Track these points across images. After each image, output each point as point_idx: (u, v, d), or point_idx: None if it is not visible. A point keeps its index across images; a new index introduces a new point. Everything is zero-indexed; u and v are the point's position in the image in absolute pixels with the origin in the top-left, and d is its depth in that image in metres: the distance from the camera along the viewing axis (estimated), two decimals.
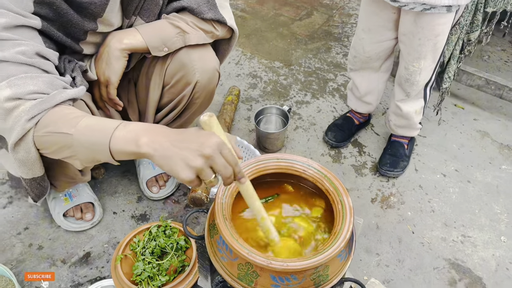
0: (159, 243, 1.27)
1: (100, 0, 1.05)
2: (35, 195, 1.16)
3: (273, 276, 0.87)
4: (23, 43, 0.93)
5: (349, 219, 0.92)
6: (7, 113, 0.91)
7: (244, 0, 2.51)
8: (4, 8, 0.92)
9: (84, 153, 0.87)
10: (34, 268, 1.33)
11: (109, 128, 0.84)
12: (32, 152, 0.93)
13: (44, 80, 0.92)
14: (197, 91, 1.27)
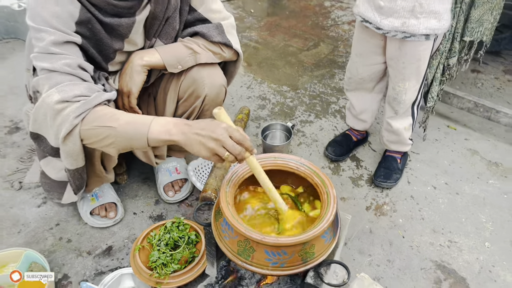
0: (172, 236, 1.45)
1: (127, 23, 1.29)
2: (76, 187, 1.37)
3: (267, 250, 1.03)
4: (68, 57, 1.17)
5: (332, 206, 1.09)
6: (56, 113, 1.13)
7: (257, 33, 2.76)
8: (52, 27, 1.16)
9: (122, 142, 1.11)
10: (63, 258, 1.51)
11: (146, 122, 1.09)
12: (78, 144, 1.15)
13: (85, 86, 1.14)
14: (206, 104, 1.47)
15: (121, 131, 1.11)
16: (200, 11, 1.43)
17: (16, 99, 2.14)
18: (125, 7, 1.27)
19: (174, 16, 1.40)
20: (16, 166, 1.82)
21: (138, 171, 1.82)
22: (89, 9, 1.22)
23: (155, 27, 1.39)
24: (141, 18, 1.33)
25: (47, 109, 1.15)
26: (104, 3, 1.23)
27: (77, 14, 1.19)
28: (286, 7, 3.05)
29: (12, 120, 2.03)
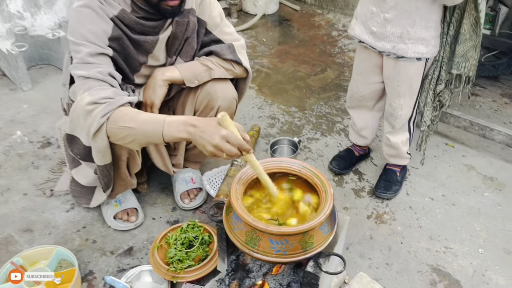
0: (188, 236, 1.60)
1: (152, 40, 1.51)
2: (104, 184, 1.56)
3: (271, 239, 1.18)
4: (100, 66, 1.38)
5: (329, 202, 1.23)
6: (87, 114, 1.33)
7: (268, 59, 2.97)
8: (89, 41, 1.38)
9: (142, 138, 1.31)
10: (89, 256, 1.67)
11: (160, 121, 1.27)
12: (105, 141, 1.34)
13: (112, 91, 1.35)
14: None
15: (140, 130, 1.30)
16: (215, 33, 1.64)
17: (47, 118, 2.35)
18: (151, 26, 1.49)
19: (193, 37, 1.61)
20: (48, 176, 2.00)
21: (157, 181, 1.99)
22: (121, 27, 1.44)
23: (176, 46, 1.60)
24: (163, 36, 1.55)
25: (80, 110, 1.35)
26: (134, 22, 1.45)
27: (110, 31, 1.41)
28: (296, 37, 3.26)
29: (44, 136, 2.24)
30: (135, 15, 1.46)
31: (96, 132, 1.32)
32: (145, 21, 1.48)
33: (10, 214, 1.82)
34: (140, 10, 1.46)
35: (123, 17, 1.44)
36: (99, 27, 1.40)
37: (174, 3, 1.43)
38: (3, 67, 2.64)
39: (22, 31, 2.59)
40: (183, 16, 1.56)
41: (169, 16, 1.51)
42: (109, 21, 1.42)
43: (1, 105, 2.45)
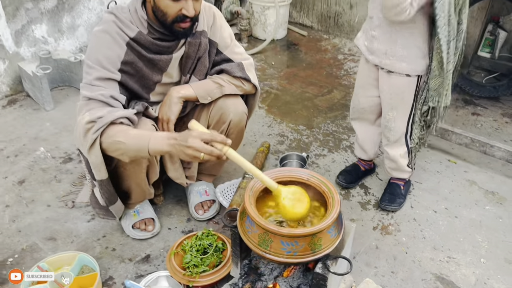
0: (203, 243, 1.69)
1: (166, 59, 1.66)
2: (106, 199, 1.68)
3: (282, 241, 1.28)
4: (104, 89, 1.53)
5: (336, 207, 1.33)
6: (86, 131, 1.48)
7: (277, 81, 3.11)
8: (101, 66, 1.53)
9: (130, 152, 1.47)
10: (109, 263, 1.77)
11: (146, 137, 1.43)
12: (99, 156, 1.49)
13: (108, 110, 1.49)
14: (231, 128, 1.78)
15: (129, 144, 1.45)
16: (225, 53, 1.79)
17: (69, 135, 2.49)
18: (165, 46, 1.64)
19: (205, 57, 1.75)
20: (70, 189, 2.12)
21: (172, 194, 2.10)
22: (136, 49, 1.59)
23: (189, 65, 1.74)
24: (177, 55, 1.69)
25: (81, 129, 1.50)
26: (150, 43, 1.61)
27: (122, 56, 1.57)
28: (303, 60, 3.41)
29: (66, 152, 2.37)
30: (151, 36, 1.61)
31: (90, 147, 1.47)
32: (160, 41, 1.62)
33: (35, 223, 1.93)
34: (156, 31, 1.61)
35: (139, 38, 1.58)
36: (114, 52, 1.55)
37: (186, 25, 1.57)
38: (28, 88, 2.80)
39: (46, 55, 2.76)
40: (195, 37, 1.70)
41: (181, 37, 1.65)
42: (123, 47, 1.57)
43: (26, 123, 2.60)
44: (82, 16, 3.03)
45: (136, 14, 1.59)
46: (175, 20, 1.54)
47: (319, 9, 3.83)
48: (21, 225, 1.93)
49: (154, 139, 1.43)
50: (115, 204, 1.75)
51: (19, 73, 2.79)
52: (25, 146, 2.41)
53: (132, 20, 1.59)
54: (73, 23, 3.00)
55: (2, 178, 2.18)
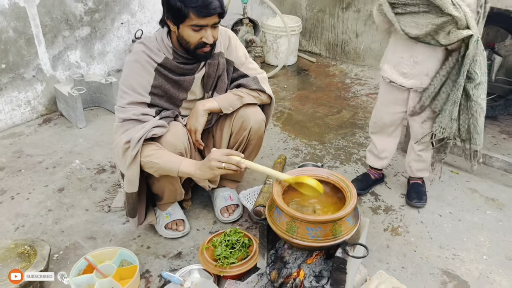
0: (231, 239, 1.88)
1: (189, 79, 1.90)
2: (128, 210, 1.91)
3: (307, 227, 1.47)
4: (135, 109, 1.78)
5: (353, 199, 1.53)
6: (124, 151, 1.73)
7: (290, 102, 3.35)
8: (134, 91, 1.80)
9: (162, 171, 1.75)
10: (145, 258, 1.95)
11: (177, 162, 1.72)
12: (136, 171, 1.74)
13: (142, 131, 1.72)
14: (252, 134, 2.00)
15: (162, 165, 1.73)
16: (241, 69, 2.03)
17: (101, 150, 2.71)
18: (188, 68, 1.89)
19: (224, 75, 1.99)
20: (105, 196, 2.33)
21: (199, 200, 2.30)
22: (163, 73, 1.84)
23: (210, 83, 1.98)
24: (199, 75, 1.93)
25: (120, 149, 1.76)
26: (175, 67, 1.86)
27: (152, 81, 1.83)
28: (313, 84, 3.67)
29: (99, 164, 2.58)
30: (175, 61, 1.86)
31: (130, 164, 1.72)
32: (183, 65, 1.87)
33: (76, 225, 2.13)
34: (180, 57, 1.86)
35: (166, 63, 1.84)
36: (144, 79, 1.82)
37: (206, 50, 1.82)
38: (61, 108, 3.05)
39: (79, 78, 3.02)
40: (214, 58, 1.94)
41: (203, 60, 1.90)
42: (152, 72, 1.83)
43: (61, 139, 2.83)
44: (112, 43, 3.32)
45: (162, 43, 1.84)
46: (197, 46, 1.79)
47: (327, 37, 4.12)
48: (64, 226, 2.12)
49: (184, 165, 1.73)
50: (134, 218, 1.96)
51: (54, 94, 3.05)
52: (61, 159, 2.63)
53: (159, 48, 1.84)
54: (103, 50, 3.28)
55: (43, 186, 2.39)
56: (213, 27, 1.76)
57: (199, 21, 1.71)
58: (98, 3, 3.13)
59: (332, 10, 3.98)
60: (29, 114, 3.01)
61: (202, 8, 1.67)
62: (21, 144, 2.77)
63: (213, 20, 1.73)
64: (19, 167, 2.55)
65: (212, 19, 1.73)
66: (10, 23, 2.72)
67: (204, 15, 1.69)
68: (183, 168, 1.72)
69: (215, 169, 1.64)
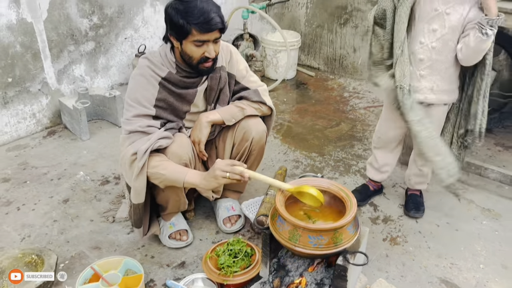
0: (234, 248, 1.92)
1: (192, 92, 1.97)
2: (134, 220, 1.95)
3: (309, 235, 1.52)
4: (141, 121, 1.85)
5: (353, 208, 1.58)
6: (131, 162, 1.80)
7: (290, 115, 3.42)
8: (139, 104, 1.87)
9: (168, 182, 1.80)
10: (149, 268, 1.99)
11: (183, 173, 1.78)
12: (144, 182, 1.79)
13: (148, 143, 1.78)
14: (253, 145, 2.06)
15: (168, 176, 1.79)
16: (242, 82, 2.10)
17: (104, 161, 2.77)
18: (191, 82, 1.96)
19: (225, 88, 2.06)
20: (109, 207, 2.37)
21: (201, 211, 2.34)
22: (167, 86, 1.90)
23: (213, 95, 2.04)
24: (201, 89, 2.00)
25: (126, 160, 1.82)
26: (178, 80, 1.92)
27: (156, 94, 1.89)
28: (312, 97, 3.75)
29: (103, 175, 2.63)
30: (179, 75, 1.93)
31: (138, 174, 1.77)
32: (186, 79, 1.94)
33: (81, 235, 2.17)
34: (182, 71, 1.93)
35: (169, 77, 1.91)
36: (149, 92, 1.89)
37: (208, 65, 1.89)
38: (66, 121, 3.11)
39: (84, 91, 3.09)
40: (215, 72, 2.01)
41: (205, 74, 1.96)
42: (156, 86, 1.90)
43: (65, 151, 2.88)
44: (115, 58, 3.39)
45: (166, 58, 1.92)
46: (199, 61, 1.86)
47: (325, 52, 4.21)
48: (69, 236, 2.16)
49: (189, 176, 1.79)
50: (140, 228, 2.00)
51: (59, 107, 3.11)
52: (66, 170, 2.68)
53: (163, 62, 1.91)
54: (107, 64, 3.36)
55: (48, 198, 2.44)
56: (214, 42, 1.83)
57: (201, 37, 1.78)
58: (103, 18, 3.21)
59: (330, 26, 4.07)
60: (34, 127, 3.06)
61: (204, 24, 1.75)
62: (26, 156, 2.82)
63: (215, 35, 1.80)
64: (25, 178, 2.60)
65: (213, 35, 1.80)
66: (18, 38, 2.79)
67: (206, 31, 1.76)
68: (188, 179, 1.78)
69: (219, 178, 1.71)
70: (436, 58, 1.95)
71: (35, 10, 2.82)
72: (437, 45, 1.93)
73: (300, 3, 4.20)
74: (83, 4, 3.07)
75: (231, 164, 1.72)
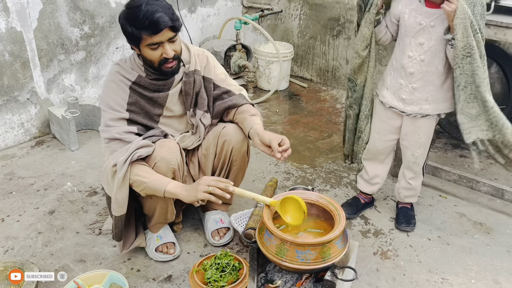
0: (221, 262, 1.88)
1: (163, 96, 1.95)
2: (115, 233, 1.92)
3: (297, 249, 1.49)
4: (118, 128, 1.84)
5: (342, 222, 1.55)
6: (113, 174, 1.78)
7: (281, 126, 3.40)
8: (111, 109, 1.87)
9: (149, 191, 1.78)
10: (135, 281, 1.94)
11: (164, 183, 1.76)
12: (126, 193, 1.77)
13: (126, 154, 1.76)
14: (234, 154, 2.03)
15: (150, 185, 1.77)
16: (223, 86, 2.09)
17: (93, 172, 2.73)
18: (161, 84, 1.94)
19: (202, 91, 2.04)
20: (96, 219, 2.33)
21: (189, 223, 2.30)
22: (138, 90, 1.90)
23: (189, 100, 2.02)
24: (173, 92, 1.98)
25: (108, 172, 1.81)
26: (148, 83, 1.92)
27: (127, 98, 1.89)
28: (305, 108, 3.74)
29: (91, 186, 2.59)
30: (148, 78, 1.92)
31: (120, 186, 1.76)
32: (156, 81, 1.93)
33: (66, 248, 2.12)
34: (151, 73, 1.92)
35: (139, 80, 1.90)
36: (120, 96, 1.89)
37: (171, 65, 1.87)
38: (54, 131, 3.07)
39: (73, 101, 3.05)
40: (189, 76, 1.99)
41: (171, 75, 1.93)
42: (127, 90, 1.89)
43: (53, 161, 2.84)
44: (106, 67, 3.37)
45: (135, 62, 1.92)
46: (160, 63, 1.85)
47: (318, 63, 4.21)
48: (53, 249, 2.11)
49: (170, 186, 1.76)
50: (120, 241, 1.98)
51: (48, 116, 3.07)
52: (53, 181, 2.63)
53: (133, 67, 1.92)
54: (97, 73, 3.33)
55: (33, 209, 2.39)
56: (170, 41, 1.82)
57: (153, 39, 1.77)
58: (94, 28, 3.19)
59: (323, 37, 4.08)
60: (22, 137, 3.02)
61: (150, 27, 1.73)
62: (13, 166, 2.78)
63: (166, 35, 1.78)
64: (10, 189, 2.55)
65: (164, 35, 1.77)
66: (6, 47, 2.76)
67: (154, 33, 1.75)
68: (169, 188, 1.76)
69: (199, 192, 1.70)
70: (426, 70, 1.95)
71: (25, 19, 2.80)
72: (425, 57, 1.92)
73: (293, 14, 4.21)
74: (74, 14, 3.05)
75: (216, 180, 1.71)
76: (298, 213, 1.61)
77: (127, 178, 1.76)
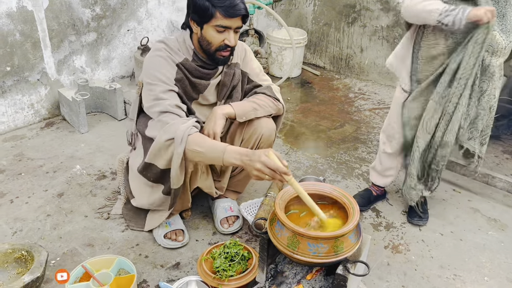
0: (230, 251, 1.86)
1: (204, 83, 1.93)
2: (171, 204, 1.93)
3: (309, 242, 1.45)
4: (169, 100, 1.79)
5: (356, 215, 1.51)
6: (166, 148, 1.74)
7: (293, 115, 3.35)
8: (159, 81, 1.81)
9: (207, 160, 1.71)
10: (142, 268, 1.93)
11: (221, 149, 1.66)
12: (183, 165, 1.75)
13: (178, 123, 1.73)
14: (262, 142, 2.00)
15: (206, 153, 1.69)
16: (256, 80, 2.06)
17: (102, 155, 2.71)
18: (205, 73, 1.91)
19: (238, 85, 2.01)
20: (104, 203, 2.31)
21: (199, 210, 2.28)
22: (183, 71, 1.87)
23: (224, 92, 1.99)
24: (213, 82, 1.96)
25: (161, 146, 1.76)
26: (193, 68, 1.88)
27: (174, 74, 1.85)
28: (317, 97, 3.67)
29: (100, 170, 2.57)
30: (195, 63, 1.88)
31: (179, 160, 1.73)
32: (202, 68, 1.90)
33: (74, 231, 2.11)
34: (199, 60, 1.88)
35: (185, 63, 1.86)
36: (168, 71, 1.84)
37: (226, 54, 1.84)
38: (64, 113, 3.04)
39: (84, 83, 3.02)
40: (230, 68, 1.97)
41: (221, 64, 1.91)
42: (174, 67, 1.85)
43: (62, 144, 2.82)
44: (117, 50, 3.32)
45: (184, 44, 1.88)
46: (218, 49, 1.81)
47: (331, 51, 4.13)
48: (62, 232, 2.10)
49: (228, 153, 1.65)
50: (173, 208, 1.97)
51: (58, 98, 3.04)
52: (62, 163, 2.62)
53: (180, 48, 1.88)
54: (108, 56, 3.29)
55: (42, 191, 2.38)
56: (235, 31, 1.80)
57: (224, 22, 1.74)
58: (105, 9, 3.14)
59: (337, 24, 3.99)
60: (31, 118, 3.00)
61: (229, 8, 1.72)
62: (23, 147, 2.76)
63: (237, 22, 1.77)
64: (20, 170, 2.54)
65: (236, 21, 1.76)
66: (17, 26, 2.73)
67: (230, 16, 1.73)
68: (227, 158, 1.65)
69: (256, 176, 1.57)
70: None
71: None
72: None
73: (307, 0, 4.11)
74: None
75: (274, 168, 1.53)
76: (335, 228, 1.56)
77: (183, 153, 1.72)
